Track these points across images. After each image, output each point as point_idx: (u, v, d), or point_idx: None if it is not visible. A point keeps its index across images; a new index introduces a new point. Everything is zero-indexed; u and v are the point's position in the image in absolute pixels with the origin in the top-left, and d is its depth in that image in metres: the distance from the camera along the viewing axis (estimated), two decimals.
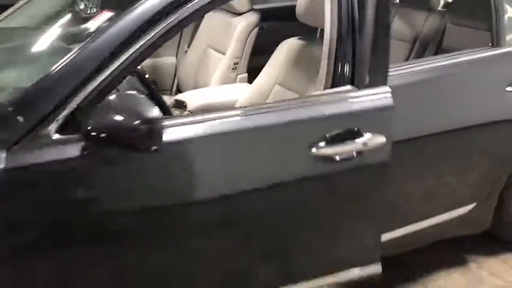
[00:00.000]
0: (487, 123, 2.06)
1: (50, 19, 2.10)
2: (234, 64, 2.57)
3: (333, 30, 1.64)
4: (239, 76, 2.68)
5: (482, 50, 2.08)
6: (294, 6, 2.04)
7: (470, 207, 2.17)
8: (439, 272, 2.30)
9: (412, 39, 2.78)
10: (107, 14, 1.80)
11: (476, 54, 2.06)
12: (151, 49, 1.40)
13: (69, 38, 1.76)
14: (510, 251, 2.45)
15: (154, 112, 1.24)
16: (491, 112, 2.07)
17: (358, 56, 1.61)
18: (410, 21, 2.81)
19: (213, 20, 2.80)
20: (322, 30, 1.75)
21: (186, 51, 2.93)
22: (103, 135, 1.23)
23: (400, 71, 1.81)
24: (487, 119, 2.06)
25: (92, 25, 1.82)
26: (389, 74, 1.64)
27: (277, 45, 2.28)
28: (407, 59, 2.81)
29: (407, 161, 1.85)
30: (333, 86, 1.63)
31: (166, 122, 1.34)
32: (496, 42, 2.08)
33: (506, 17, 2.11)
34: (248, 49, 2.58)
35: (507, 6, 2.14)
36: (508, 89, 2.03)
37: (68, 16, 2.12)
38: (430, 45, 2.72)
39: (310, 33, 2.22)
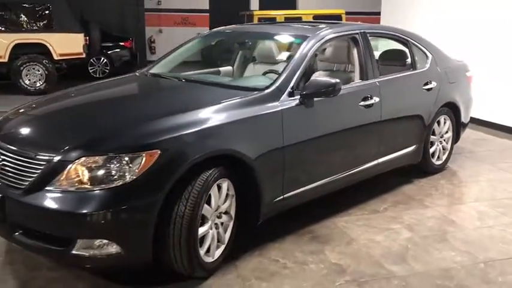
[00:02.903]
0: (417, 106, 4.37)
1: None
2: None
3: (356, 64, 3.88)
4: None
5: (409, 71, 4.43)
6: None
7: (414, 147, 4.43)
8: (402, 186, 4.48)
9: None
10: (286, 53, 3.79)
11: (407, 72, 4.40)
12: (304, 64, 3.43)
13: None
14: (432, 175, 4.74)
15: (332, 80, 3.23)
16: (418, 100, 4.39)
17: (364, 68, 3.84)
18: None
19: None
20: (338, 65, 4.03)
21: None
22: (309, 93, 3.20)
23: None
24: (416, 104, 4.38)
25: (283, 56, 3.81)
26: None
27: None
28: None
29: (389, 127, 4.04)
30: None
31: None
32: (413, 67, 4.46)
33: (417, 57, 4.52)
34: None
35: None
36: (424, 87, 4.40)
37: None
38: None
39: None
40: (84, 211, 2.40)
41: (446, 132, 4.89)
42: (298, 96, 3.23)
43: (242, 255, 3.10)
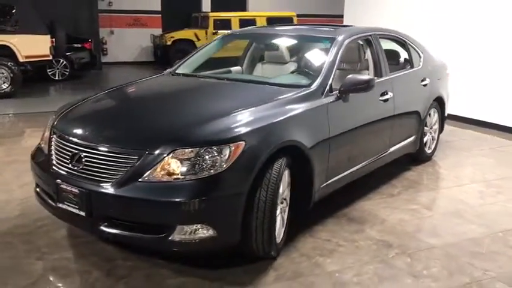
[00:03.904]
0: (417, 100, 4.87)
1: None
2: None
3: (371, 62, 4.29)
4: None
5: (408, 69, 4.92)
6: None
7: (414, 137, 4.93)
8: (403, 173, 4.96)
9: None
10: (314, 53, 4.11)
11: (407, 70, 4.88)
12: (337, 63, 3.78)
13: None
14: (425, 163, 5.28)
15: (367, 77, 3.61)
16: (418, 94, 4.89)
17: (379, 66, 4.28)
18: None
19: None
20: (354, 63, 4.43)
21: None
22: (347, 89, 3.57)
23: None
24: (417, 98, 4.88)
25: (313, 56, 4.11)
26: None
27: None
28: None
29: (398, 119, 4.49)
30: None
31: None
32: (411, 66, 4.96)
33: (413, 56, 5.03)
34: None
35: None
36: (422, 83, 4.91)
37: None
38: None
39: None
40: (182, 199, 2.61)
41: (435, 123, 5.44)
42: (336, 92, 3.59)
43: (295, 238, 3.40)
